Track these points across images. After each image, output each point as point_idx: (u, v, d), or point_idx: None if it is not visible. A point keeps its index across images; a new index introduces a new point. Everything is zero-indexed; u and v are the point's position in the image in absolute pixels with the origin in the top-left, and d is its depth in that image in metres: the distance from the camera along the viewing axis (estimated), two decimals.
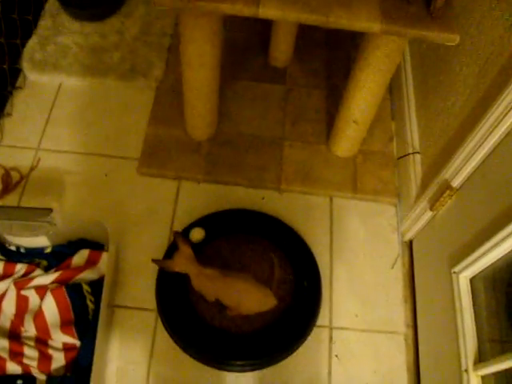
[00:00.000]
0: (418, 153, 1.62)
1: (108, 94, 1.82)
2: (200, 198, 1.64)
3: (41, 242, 1.45)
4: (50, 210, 1.39)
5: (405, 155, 1.68)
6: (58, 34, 1.88)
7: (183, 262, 1.37)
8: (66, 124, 1.75)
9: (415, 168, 1.61)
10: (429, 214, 1.47)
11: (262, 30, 1.97)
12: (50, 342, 1.36)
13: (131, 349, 1.41)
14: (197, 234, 1.53)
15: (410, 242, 1.62)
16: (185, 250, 1.38)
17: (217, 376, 1.39)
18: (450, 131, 1.43)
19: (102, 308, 1.31)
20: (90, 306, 1.39)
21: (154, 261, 1.42)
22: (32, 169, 1.64)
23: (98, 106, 1.79)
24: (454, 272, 1.27)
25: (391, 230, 1.66)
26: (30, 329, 1.34)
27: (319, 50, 2.00)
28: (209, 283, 1.36)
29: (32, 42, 1.85)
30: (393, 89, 1.91)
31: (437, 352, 1.35)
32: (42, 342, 1.36)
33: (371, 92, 1.48)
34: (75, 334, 1.35)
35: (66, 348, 1.35)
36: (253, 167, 1.69)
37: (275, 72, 1.91)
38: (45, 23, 1.90)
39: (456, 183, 1.34)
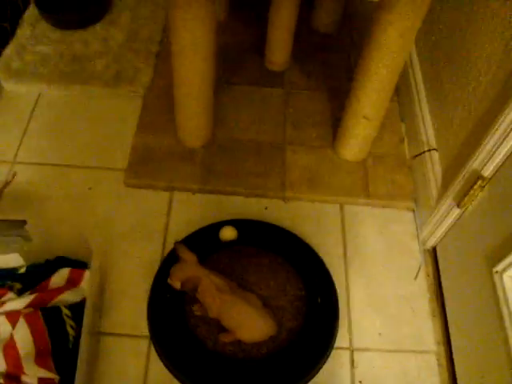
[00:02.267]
0: (435, 149, 1.43)
1: (91, 102, 1.63)
2: (195, 209, 1.44)
3: (13, 260, 1.23)
4: (24, 222, 1.18)
5: (420, 153, 1.49)
6: (37, 43, 1.70)
7: (192, 268, 1.17)
8: (45, 135, 1.55)
9: (433, 166, 1.42)
10: (455, 212, 1.27)
11: (258, 33, 1.80)
12: (24, 378, 1.11)
13: (121, 382, 1.17)
14: (228, 233, 1.33)
15: (434, 250, 1.41)
16: (190, 258, 1.18)
17: None
18: (473, 119, 1.25)
19: (83, 335, 1.09)
20: (71, 332, 1.16)
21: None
22: (7, 183, 1.43)
23: (80, 116, 1.60)
24: (496, 272, 1.07)
25: (410, 238, 1.45)
26: None
27: (317, 52, 1.83)
28: (215, 294, 1.14)
29: (9, 51, 1.67)
30: (400, 89, 1.74)
31: (480, 371, 1.12)
32: (12, 377, 1.11)
33: (382, 80, 1.30)
34: (53, 367, 1.12)
35: None
36: (253, 175, 1.49)
37: (273, 76, 1.74)
38: (23, 32, 1.72)
39: (487, 172, 1.15)
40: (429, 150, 1.45)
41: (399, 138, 1.64)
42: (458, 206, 1.24)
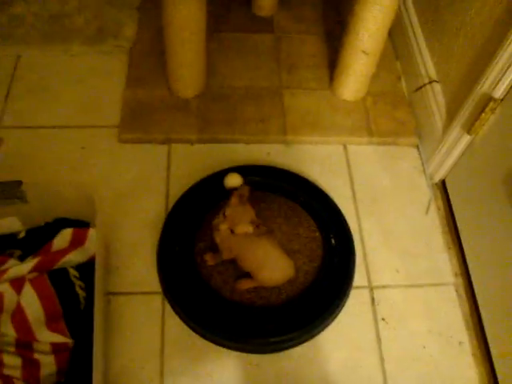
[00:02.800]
0: (436, 81, 1.38)
1: (75, 61, 1.54)
2: (195, 160, 1.38)
3: (11, 225, 1.16)
4: (20, 183, 1.10)
5: (421, 87, 1.43)
6: (10, 5, 1.59)
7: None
8: (29, 98, 1.46)
9: (436, 98, 1.37)
10: (465, 140, 1.23)
11: None
12: (36, 345, 1.06)
13: (137, 342, 1.12)
14: (233, 179, 1.26)
15: (443, 183, 1.37)
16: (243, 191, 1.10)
17: (247, 361, 1.11)
18: (476, 45, 1.20)
19: (97, 294, 1.02)
20: (81, 293, 1.10)
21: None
22: None
23: (64, 75, 1.51)
24: None
25: (417, 174, 1.42)
26: (8, 331, 1.04)
27: None
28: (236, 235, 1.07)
29: None
30: (392, 27, 1.66)
31: (504, 297, 1.09)
32: (24, 345, 1.05)
33: (382, 10, 1.24)
34: (66, 331, 1.06)
35: (56, 349, 1.06)
36: (252, 120, 1.43)
37: (261, 21, 1.67)
38: None
39: (498, 93, 1.11)
40: (430, 82, 1.40)
41: (396, 75, 1.59)
42: (468, 132, 1.20)
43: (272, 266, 1.12)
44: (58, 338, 1.05)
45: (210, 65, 1.49)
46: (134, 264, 1.21)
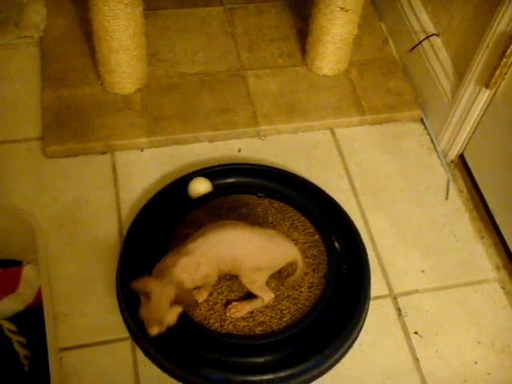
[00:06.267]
0: (436, 34, 1.44)
1: None
2: (149, 169, 1.38)
3: None
4: None
5: (417, 44, 1.48)
6: None
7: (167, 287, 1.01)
8: None
9: (438, 55, 1.43)
10: (483, 98, 1.28)
11: None
12: None
13: None
14: (200, 185, 1.27)
15: (461, 159, 1.41)
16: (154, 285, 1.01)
17: None
18: None
19: (51, 352, 0.99)
20: (21, 352, 1.06)
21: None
22: None
23: None
24: None
25: (426, 153, 1.46)
26: None
27: None
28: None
29: None
30: None
31: None
32: None
33: None
34: None
35: None
36: (213, 112, 1.45)
37: None
38: None
39: None
40: (427, 37, 1.45)
41: (381, 39, 1.64)
42: (487, 87, 1.24)
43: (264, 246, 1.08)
44: None
45: (151, 51, 1.50)
46: (88, 307, 1.18)
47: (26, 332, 1.08)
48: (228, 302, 1.14)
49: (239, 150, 1.42)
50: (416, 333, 1.19)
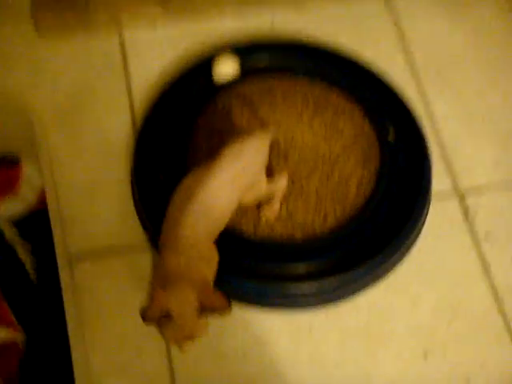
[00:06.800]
0: None
1: None
2: (164, 49, 1.29)
3: None
4: None
5: None
6: None
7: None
8: None
9: None
10: None
11: None
12: None
13: (125, 325, 1.02)
14: (227, 65, 1.19)
15: None
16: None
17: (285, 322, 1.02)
18: None
19: (60, 259, 0.96)
20: (27, 260, 1.04)
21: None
22: None
23: None
24: None
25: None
26: None
27: None
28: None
29: None
30: None
31: None
32: None
33: None
34: (12, 320, 0.97)
35: None
36: None
37: None
38: None
39: None
40: None
41: None
42: None
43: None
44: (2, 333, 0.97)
45: None
46: (98, 211, 1.12)
47: (31, 238, 1.06)
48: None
49: (272, 24, 1.33)
50: (486, 236, 1.11)
